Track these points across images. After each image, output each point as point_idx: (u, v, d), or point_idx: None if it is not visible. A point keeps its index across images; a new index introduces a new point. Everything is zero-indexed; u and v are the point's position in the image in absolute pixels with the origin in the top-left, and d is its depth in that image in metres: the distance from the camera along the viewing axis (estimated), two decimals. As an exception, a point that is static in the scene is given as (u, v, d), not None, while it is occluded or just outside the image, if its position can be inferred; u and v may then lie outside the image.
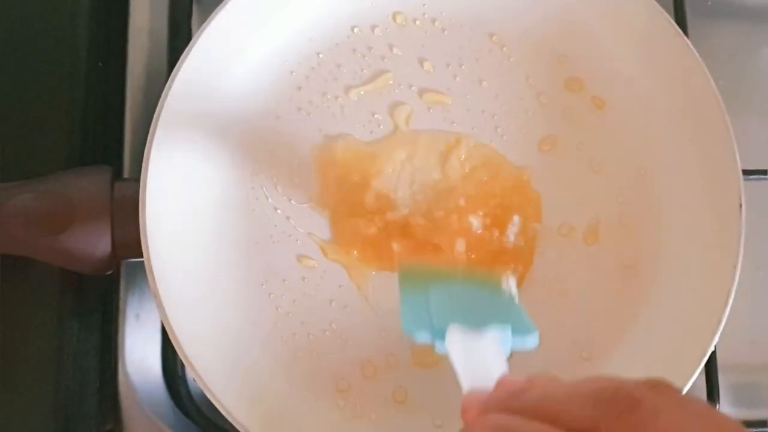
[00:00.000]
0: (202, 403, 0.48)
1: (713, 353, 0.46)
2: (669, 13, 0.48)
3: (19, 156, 0.45)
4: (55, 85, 0.46)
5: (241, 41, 0.46)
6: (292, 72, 0.47)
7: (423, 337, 0.34)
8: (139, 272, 0.41)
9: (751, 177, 0.48)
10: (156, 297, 0.40)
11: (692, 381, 0.41)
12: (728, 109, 0.45)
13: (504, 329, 0.33)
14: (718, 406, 0.45)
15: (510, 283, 0.39)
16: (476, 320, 0.34)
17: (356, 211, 0.45)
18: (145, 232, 0.41)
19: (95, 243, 0.41)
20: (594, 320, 0.45)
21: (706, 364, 0.45)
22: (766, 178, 0.48)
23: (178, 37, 0.50)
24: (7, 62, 0.46)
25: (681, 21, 0.50)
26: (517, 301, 0.39)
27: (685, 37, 0.45)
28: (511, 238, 0.45)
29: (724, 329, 0.45)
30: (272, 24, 0.46)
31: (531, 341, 0.34)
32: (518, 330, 0.34)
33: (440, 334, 0.33)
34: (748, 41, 0.57)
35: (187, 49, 0.43)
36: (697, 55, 0.45)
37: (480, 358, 0.32)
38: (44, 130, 0.46)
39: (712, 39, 0.56)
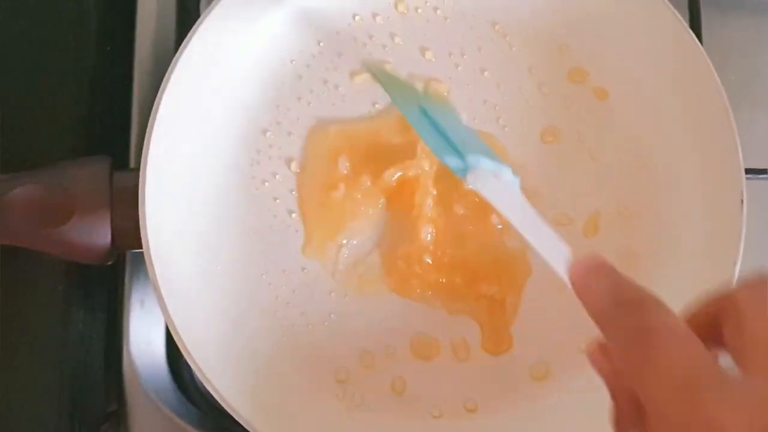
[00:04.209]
0: (204, 388, 0.48)
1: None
2: (683, 7, 0.47)
3: (24, 144, 0.45)
4: (62, 70, 0.46)
5: (242, 29, 0.45)
6: (292, 60, 0.46)
7: (454, 164, 0.37)
8: (144, 260, 0.41)
9: (762, 176, 0.47)
10: (155, 287, 0.41)
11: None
12: (739, 104, 0.44)
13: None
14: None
15: None
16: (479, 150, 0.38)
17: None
18: (145, 223, 0.40)
19: (95, 234, 0.41)
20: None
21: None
22: (778, 177, 0.48)
23: (187, 22, 0.49)
24: (15, 48, 0.46)
25: (695, 15, 0.49)
26: None
27: (688, 29, 0.44)
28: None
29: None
30: (273, 12, 0.46)
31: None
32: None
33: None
34: (761, 36, 0.56)
35: (187, 37, 0.43)
36: (701, 46, 0.44)
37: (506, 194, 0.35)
38: (50, 116, 0.46)
39: (725, 33, 0.55)
